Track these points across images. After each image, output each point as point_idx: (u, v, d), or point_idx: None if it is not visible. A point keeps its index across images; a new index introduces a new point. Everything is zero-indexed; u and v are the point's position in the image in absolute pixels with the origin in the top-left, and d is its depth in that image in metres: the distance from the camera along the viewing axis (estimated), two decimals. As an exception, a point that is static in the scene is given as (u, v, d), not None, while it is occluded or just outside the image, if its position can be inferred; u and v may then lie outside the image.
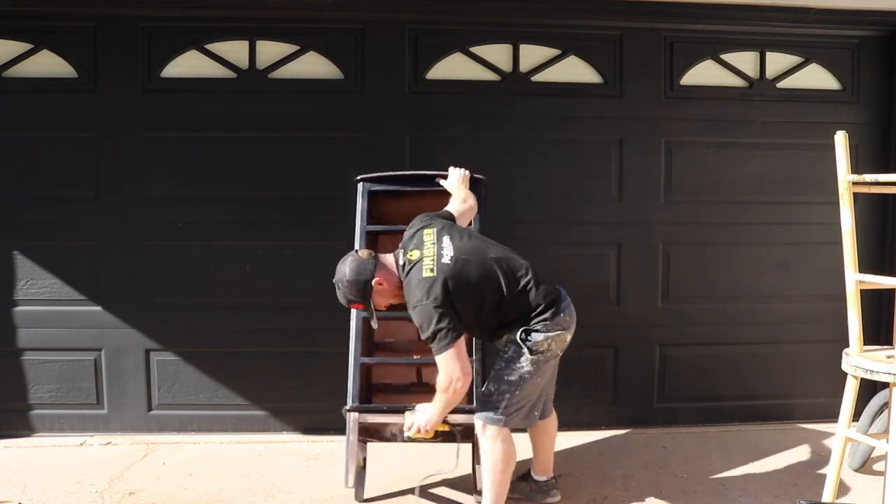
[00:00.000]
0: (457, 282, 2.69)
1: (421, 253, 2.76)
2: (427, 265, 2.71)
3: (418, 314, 2.67)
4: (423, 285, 2.67)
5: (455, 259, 2.73)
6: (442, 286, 2.66)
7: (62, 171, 4.00)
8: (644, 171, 4.22)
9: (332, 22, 4.07)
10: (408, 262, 2.77)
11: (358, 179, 3.40)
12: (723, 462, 3.78)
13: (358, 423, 3.01)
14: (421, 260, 2.73)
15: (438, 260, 2.72)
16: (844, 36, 4.27)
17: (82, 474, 3.57)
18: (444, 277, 2.67)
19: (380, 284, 2.77)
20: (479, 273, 2.74)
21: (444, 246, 2.76)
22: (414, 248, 2.80)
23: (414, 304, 2.69)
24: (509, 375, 2.81)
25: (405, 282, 2.76)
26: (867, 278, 2.93)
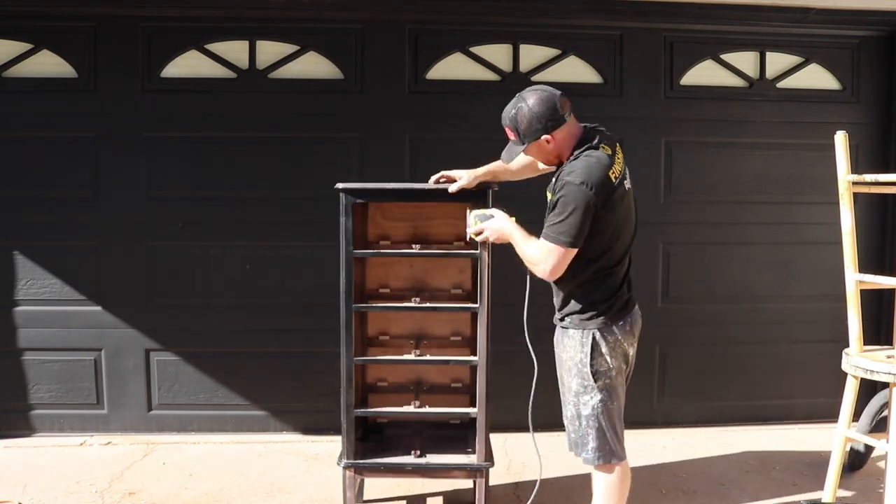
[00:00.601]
0: (615, 206, 2.44)
1: (613, 156, 2.48)
2: (616, 168, 2.45)
3: (573, 191, 2.37)
4: (600, 176, 2.38)
5: (628, 193, 2.51)
6: (610, 195, 2.40)
7: (62, 171, 4.00)
8: (644, 171, 4.21)
9: (332, 22, 4.07)
10: (600, 149, 2.47)
11: (340, 189, 2.92)
12: (723, 462, 3.78)
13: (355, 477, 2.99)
14: (612, 158, 2.46)
15: (623, 178, 2.48)
16: (844, 36, 4.27)
17: (82, 474, 3.57)
18: (616, 193, 2.42)
19: (547, 142, 2.50)
20: (624, 218, 2.50)
21: (627, 178, 2.54)
22: (609, 146, 2.52)
23: (576, 179, 2.38)
24: (584, 410, 2.59)
25: (582, 153, 2.46)
26: (867, 278, 2.93)
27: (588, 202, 2.37)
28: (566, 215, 2.39)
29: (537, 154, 2.60)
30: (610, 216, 2.43)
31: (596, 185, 2.38)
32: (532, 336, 2.93)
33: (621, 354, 2.55)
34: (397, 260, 3.20)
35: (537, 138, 2.50)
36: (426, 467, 3.03)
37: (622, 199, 2.47)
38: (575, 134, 2.54)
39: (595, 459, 2.58)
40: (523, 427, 4.13)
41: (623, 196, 2.48)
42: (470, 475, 3.03)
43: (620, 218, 2.48)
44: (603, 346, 2.52)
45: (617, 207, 2.44)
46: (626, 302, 2.57)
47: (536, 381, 2.84)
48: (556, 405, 4.38)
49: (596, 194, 2.37)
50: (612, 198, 2.42)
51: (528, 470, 3.67)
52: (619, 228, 2.49)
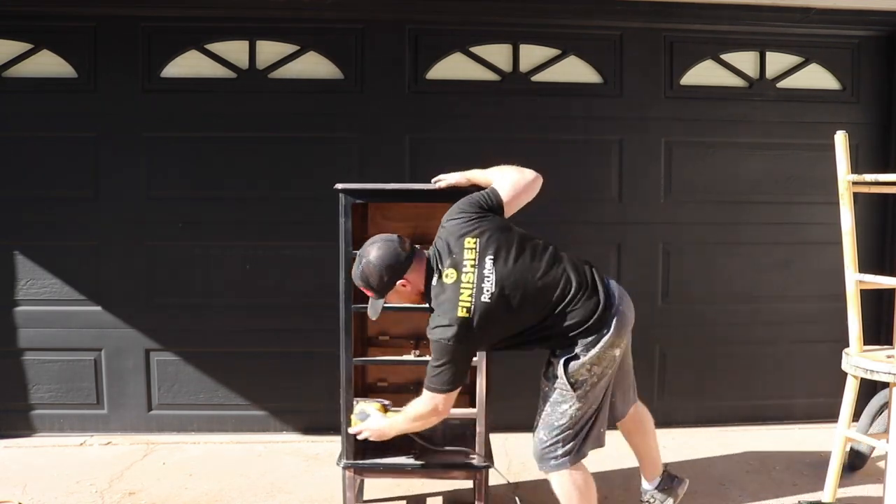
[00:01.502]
0: (490, 318, 2.45)
1: (458, 276, 2.46)
2: (463, 300, 2.42)
3: (435, 346, 2.47)
4: (450, 321, 2.42)
5: (494, 295, 2.44)
6: (470, 328, 2.43)
7: (62, 171, 4.00)
8: (644, 171, 4.22)
9: (332, 22, 4.07)
10: (441, 283, 2.49)
11: (339, 190, 2.93)
12: (723, 462, 3.78)
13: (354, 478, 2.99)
14: (458, 286, 2.44)
15: (477, 295, 2.43)
16: (844, 36, 4.27)
17: (82, 474, 3.57)
18: (479, 318, 2.43)
19: (403, 286, 2.54)
20: (520, 302, 2.47)
21: (487, 272, 2.46)
22: (451, 265, 2.49)
23: (434, 334, 2.47)
24: (559, 420, 2.62)
25: (434, 298, 2.51)
26: (867, 278, 2.93)
27: (455, 352, 2.45)
28: (441, 368, 2.47)
29: (399, 300, 2.61)
30: (493, 326, 2.48)
31: (456, 335, 2.43)
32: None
33: (607, 360, 2.55)
34: (397, 260, 3.20)
35: (392, 287, 2.54)
36: (425, 467, 3.02)
37: (494, 306, 2.45)
38: (422, 268, 2.56)
39: (566, 463, 2.61)
40: (523, 427, 4.15)
41: (492, 303, 2.44)
42: (469, 475, 3.03)
43: (509, 307, 2.47)
44: (585, 359, 2.53)
45: (493, 315, 2.45)
46: (601, 310, 2.54)
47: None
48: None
49: (459, 342, 2.44)
50: (480, 323, 2.44)
51: (529, 470, 3.67)
52: (519, 307, 2.48)
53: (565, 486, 2.63)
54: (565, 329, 2.53)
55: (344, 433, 2.98)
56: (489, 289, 2.45)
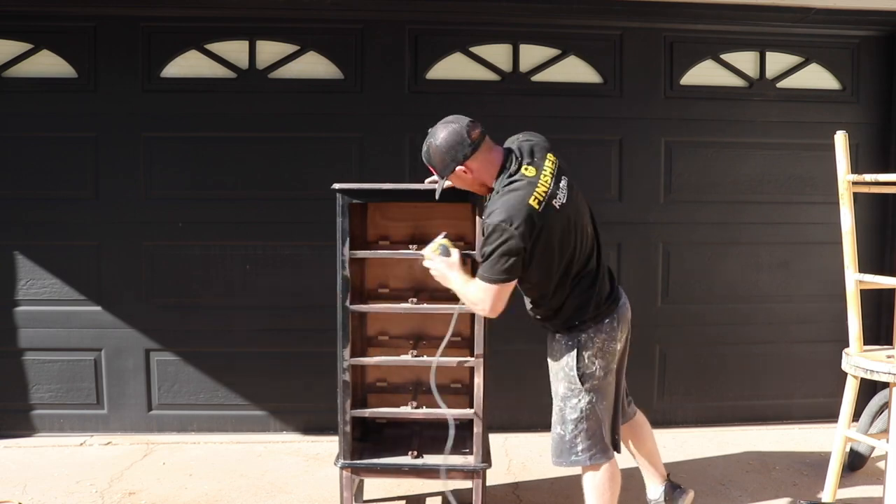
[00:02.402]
0: (549, 230, 2.41)
1: (537, 174, 2.44)
2: (538, 193, 2.39)
3: (496, 231, 2.36)
4: (521, 210, 2.36)
5: (563, 207, 2.44)
6: (534, 224, 2.37)
7: (62, 171, 4.00)
8: (644, 171, 4.22)
9: (332, 22, 4.07)
10: (519, 174, 2.44)
11: (337, 190, 2.93)
12: (723, 462, 3.78)
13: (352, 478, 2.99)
14: (535, 181, 2.41)
15: (551, 197, 2.41)
16: (844, 36, 4.27)
17: (82, 474, 3.57)
18: (542, 220, 2.38)
19: (465, 173, 2.49)
20: (568, 235, 2.47)
21: (562, 187, 2.47)
22: (531, 164, 2.47)
23: (496, 219, 2.36)
24: (571, 414, 2.59)
25: (504, 187, 2.44)
26: (867, 278, 2.93)
27: (512, 245, 2.37)
28: (494, 258, 2.39)
29: (462, 185, 2.59)
30: (548, 242, 2.42)
31: (518, 225, 2.36)
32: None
33: (610, 353, 2.57)
34: (397, 260, 3.20)
35: (453, 171, 2.50)
36: (423, 468, 3.02)
37: (558, 218, 2.42)
38: (493, 160, 2.51)
39: (586, 460, 2.60)
40: (523, 427, 4.17)
41: (558, 213, 2.42)
42: (467, 476, 3.02)
43: (563, 235, 2.45)
44: (590, 350, 2.54)
45: (553, 230, 2.41)
46: (609, 299, 2.59)
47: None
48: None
49: (521, 235, 2.36)
50: (542, 227, 2.39)
51: (528, 470, 3.68)
52: (565, 244, 2.47)
53: (587, 483, 2.65)
54: (575, 307, 2.54)
55: (342, 433, 2.98)
56: (561, 199, 2.45)
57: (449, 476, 3.10)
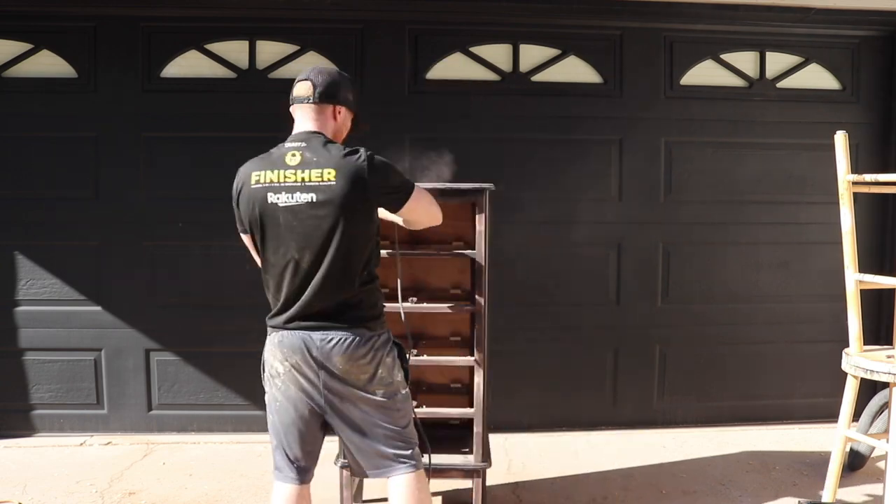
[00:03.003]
0: (245, 207, 2.40)
1: (282, 160, 2.35)
2: (268, 175, 2.35)
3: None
4: (245, 168, 2.42)
5: (290, 208, 2.29)
6: (239, 190, 2.44)
7: (62, 171, 4.00)
8: (644, 171, 4.22)
9: (332, 22, 4.07)
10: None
11: None
12: (723, 462, 3.78)
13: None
14: (281, 161, 2.34)
15: (281, 188, 2.29)
16: (844, 36, 4.27)
17: (82, 474, 3.57)
18: (249, 196, 2.37)
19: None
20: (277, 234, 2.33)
21: (304, 191, 2.26)
22: (298, 149, 2.36)
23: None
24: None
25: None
26: (867, 278, 2.93)
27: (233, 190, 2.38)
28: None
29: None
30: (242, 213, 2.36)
31: (239, 176, 2.39)
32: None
33: (269, 366, 2.31)
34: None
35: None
36: (423, 467, 3.02)
37: (266, 209, 2.26)
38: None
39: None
40: (523, 427, 4.17)
41: (269, 207, 2.25)
42: (467, 475, 3.02)
43: (262, 226, 2.28)
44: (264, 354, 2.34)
45: (249, 209, 2.31)
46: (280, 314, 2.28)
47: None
48: (555, 404, 4.41)
49: (236, 185, 2.39)
50: (242, 197, 2.35)
51: (528, 470, 3.68)
52: (263, 237, 2.29)
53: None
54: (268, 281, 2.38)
55: None
56: (287, 199, 2.29)
57: (449, 476, 3.10)
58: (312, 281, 2.21)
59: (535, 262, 4.17)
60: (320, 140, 2.31)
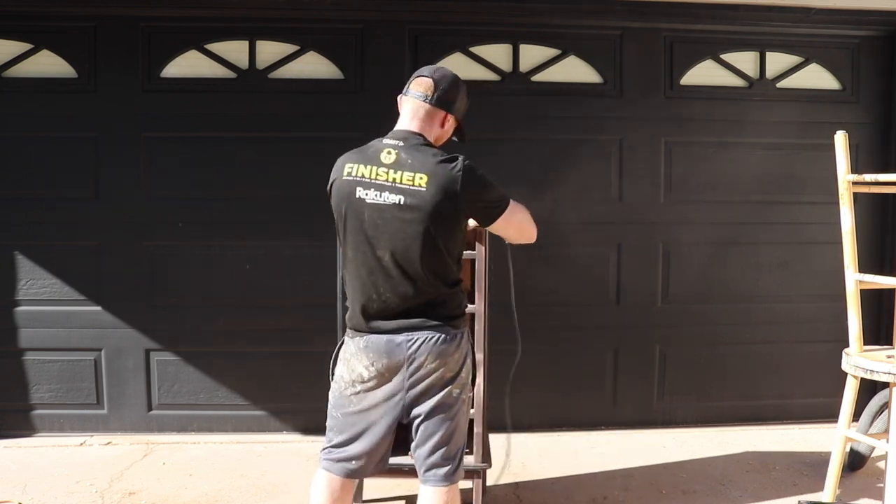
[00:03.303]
0: (338, 199, 2.33)
1: (378, 157, 2.26)
2: (364, 170, 2.25)
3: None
4: (341, 160, 2.36)
5: (376, 205, 2.26)
6: (333, 181, 2.36)
7: (62, 171, 4.00)
8: (644, 171, 4.22)
9: (332, 22, 4.07)
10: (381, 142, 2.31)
11: None
12: (722, 462, 3.78)
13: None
14: (377, 158, 2.25)
15: (371, 184, 2.23)
16: (844, 36, 4.27)
17: (82, 474, 3.57)
18: (343, 188, 2.30)
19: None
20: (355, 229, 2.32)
21: (393, 191, 2.23)
22: (395, 148, 2.27)
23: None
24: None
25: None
26: (867, 278, 2.93)
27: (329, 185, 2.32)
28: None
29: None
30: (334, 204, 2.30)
31: (335, 167, 2.32)
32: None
33: (351, 370, 2.29)
34: (397, 260, 3.19)
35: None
36: None
37: (352, 203, 2.21)
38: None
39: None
40: (523, 427, 4.17)
41: (357, 201, 2.20)
42: (467, 476, 3.02)
43: (345, 220, 2.25)
44: (342, 353, 2.35)
45: (338, 201, 2.26)
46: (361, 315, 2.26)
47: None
48: (555, 404, 4.42)
49: (331, 176, 2.32)
50: (335, 188, 2.29)
51: (528, 470, 3.68)
52: (346, 231, 2.26)
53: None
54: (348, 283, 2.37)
55: None
56: (375, 197, 2.24)
57: None
58: (394, 282, 2.18)
59: (535, 262, 4.17)
60: (420, 142, 2.25)
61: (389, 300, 2.19)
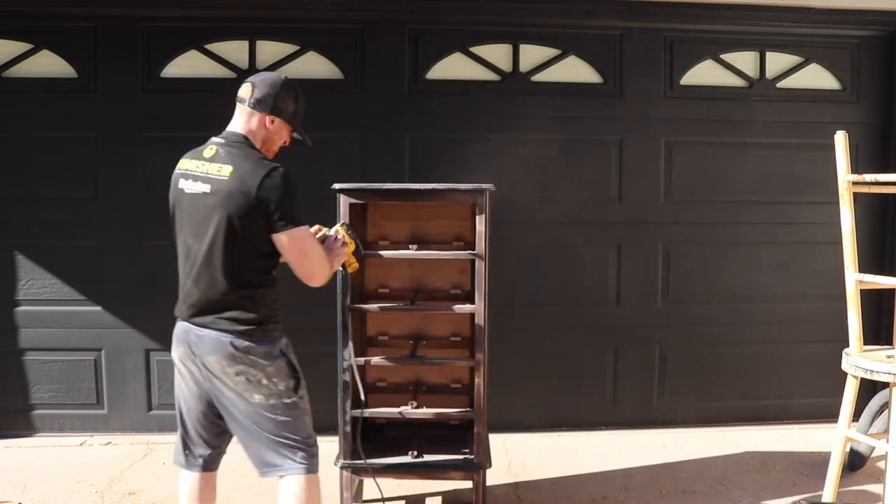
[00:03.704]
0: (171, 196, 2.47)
1: (200, 153, 2.45)
2: (190, 163, 2.43)
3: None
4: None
5: (197, 195, 2.38)
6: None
7: (62, 171, 4.00)
8: (644, 171, 4.22)
9: (332, 22, 4.07)
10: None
11: (338, 190, 3.00)
12: (723, 462, 3.78)
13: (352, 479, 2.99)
14: (199, 153, 2.45)
15: (194, 176, 2.38)
16: (844, 36, 4.27)
17: (82, 474, 3.57)
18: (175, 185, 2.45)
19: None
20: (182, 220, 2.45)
21: (209, 181, 2.35)
22: (217, 145, 2.43)
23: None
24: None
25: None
26: (867, 278, 2.93)
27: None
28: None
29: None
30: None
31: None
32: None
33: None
34: (396, 260, 3.20)
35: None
36: (423, 467, 3.03)
37: (177, 194, 2.37)
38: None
39: None
40: (523, 427, 4.17)
41: (181, 194, 2.34)
42: (467, 475, 3.02)
43: (173, 209, 2.38)
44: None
45: (171, 192, 2.40)
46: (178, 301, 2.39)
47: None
48: (555, 404, 4.41)
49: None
50: (171, 181, 2.42)
51: (528, 470, 3.68)
52: (173, 219, 2.39)
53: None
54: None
55: (342, 433, 2.99)
56: (195, 187, 2.38)
57: (449, 476, 3.11)
58: (196, 271, 2.29)
59: (536, 262, 4.17)
60: (241, 142, 2.37)
61: (191, 290, 2.31)
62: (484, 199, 2.92)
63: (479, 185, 2.92)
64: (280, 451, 2.42)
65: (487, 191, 2.93)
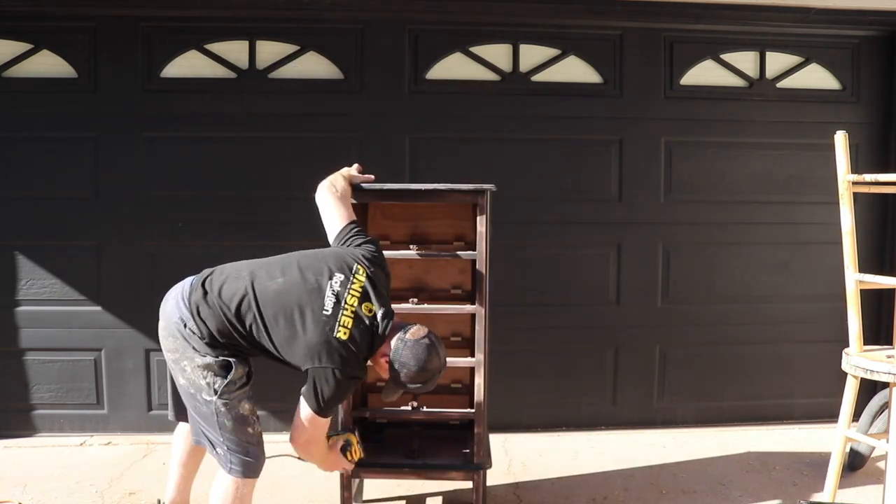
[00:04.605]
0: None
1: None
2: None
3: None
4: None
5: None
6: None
7: (62, 171, 4.00)
8: (644, 171, 4.22)
9: (332, 22, 4.07)
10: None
11: None
12: (723, 462, 3.78)
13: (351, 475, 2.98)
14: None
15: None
16: (844, 36, 4.27)
17: (82, 474, 3.57)
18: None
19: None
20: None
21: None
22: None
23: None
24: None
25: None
26: (867, 278, 2.93)
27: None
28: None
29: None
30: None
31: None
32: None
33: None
34: (397, 260, 3.19)
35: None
36: (423, 467, 3.02)
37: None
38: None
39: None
40: (523, 427, 4.17)
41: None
42: (467, 476, 3.02)
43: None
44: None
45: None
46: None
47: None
48: (556, 404, 4.41)
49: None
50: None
51: (529, 470, 3.68)
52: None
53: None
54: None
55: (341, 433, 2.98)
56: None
57: (449, 476, 3.10)
58: (252, 310, 2.64)
59: (536, 262, 4.17)
60: (370, 328, 2.48)
61: (225, 300, 2.67)
62: (485, 199, 2.92)
63: (479, 186, 2.91)
64: (204, 436, 2.51)
65: (488, 191, 2.92)
